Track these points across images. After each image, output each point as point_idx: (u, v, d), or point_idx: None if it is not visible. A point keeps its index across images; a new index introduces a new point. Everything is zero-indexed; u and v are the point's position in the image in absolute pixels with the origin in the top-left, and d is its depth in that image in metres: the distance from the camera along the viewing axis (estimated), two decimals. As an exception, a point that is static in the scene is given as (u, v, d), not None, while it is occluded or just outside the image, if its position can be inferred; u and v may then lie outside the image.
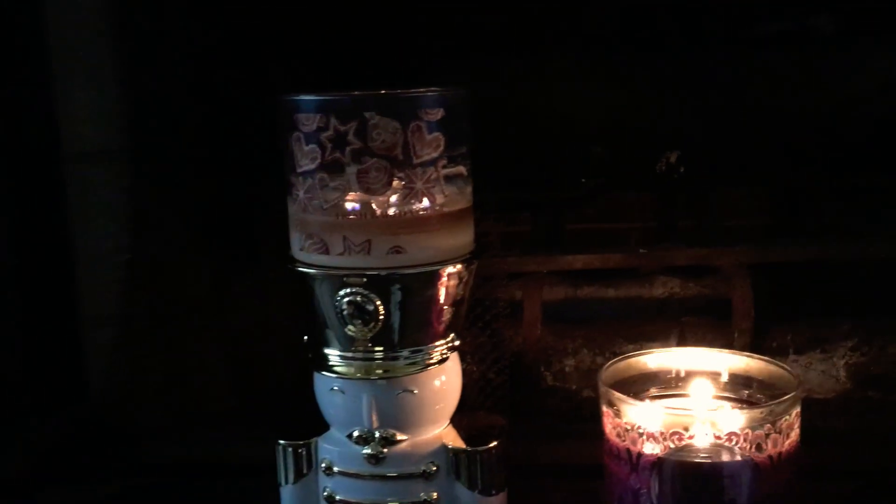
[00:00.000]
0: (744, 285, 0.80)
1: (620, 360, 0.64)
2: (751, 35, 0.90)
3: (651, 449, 0.56)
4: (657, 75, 0.90)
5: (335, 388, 0.61)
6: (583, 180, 0.94)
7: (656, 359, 0.64)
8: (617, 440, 0.58)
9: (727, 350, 0.64)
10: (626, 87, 0.89)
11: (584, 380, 0.86)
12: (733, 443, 0.54)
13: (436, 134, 0.57)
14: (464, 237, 0.61)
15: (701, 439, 0.56)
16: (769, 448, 0.55)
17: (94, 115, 0.76)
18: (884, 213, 0.83)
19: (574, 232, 0.96)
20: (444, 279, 0.59)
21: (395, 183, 0.57)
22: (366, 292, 0.57)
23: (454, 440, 0.63)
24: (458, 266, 0.60)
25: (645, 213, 0.95)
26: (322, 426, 0.64)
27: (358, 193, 0.57)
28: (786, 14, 0.88)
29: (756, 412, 0.55)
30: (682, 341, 0.85)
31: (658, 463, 0.56)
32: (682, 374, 0.64)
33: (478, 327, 0.82)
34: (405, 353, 0.60)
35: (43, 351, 0.76)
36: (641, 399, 0.60)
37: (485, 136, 0.79)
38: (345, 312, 0.58)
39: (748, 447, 0.54)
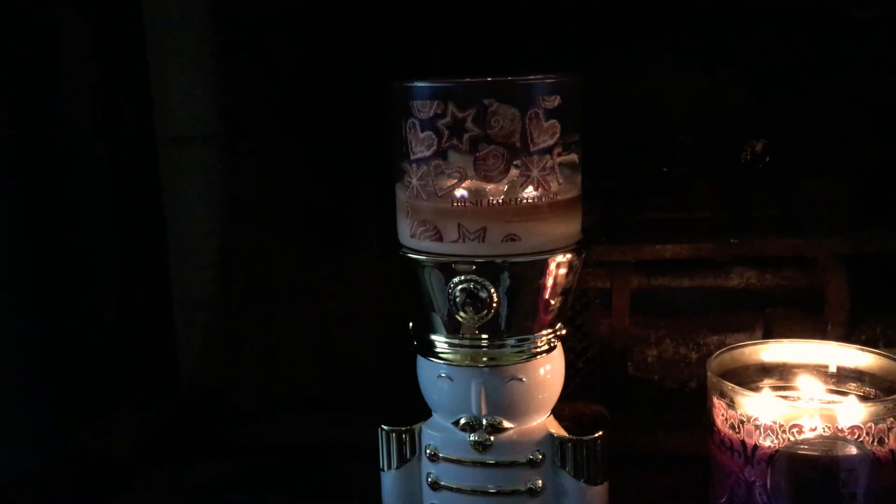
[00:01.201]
0: (838, 276, 0.79)
1: (727, 351, 0.63)
2: (840, 21, 0.88)
3: (767, 441, 0.55)
4: (743, 63, 0.89)
5: (442, 374, 0.61)
6: (664, 169, 0.93)
7: (765, 350, 0.63)
8: (730, 432, 0.57)
9: (835, 342, 0.63)
10: (713, 75, 0.88)
11: (667, 370, 0.86)
12: (855, 436, 0.54)
13: (552, 121, 0.57)
14: (574, 225, 0.60)
15: (819, 433, 0.55)
16: (891, 442, 0.54)
17: (190, 100, 0.76)
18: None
19: (647, 221, 0.95)
20: (555, 267, 0.59)
21: (512, 171, 0.57)
22: (480, 279, 0.57)
23: (559, 429, 0.63)
24: (569, 254, 0.59)
25: (722, 202, 0.94)
26: (420, 412, 0.64)
27: (473, 181, 0.57)
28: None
29: (879, 405, 0.54)
30: (769, 333, 0.84)
31: (775, 455, 0.55)
32: (790, 367, 0.63)
33: (572, 319, 0.82)
34: (512, 340, 0.60)
35: (139, 335, 0.77)
36: (753, 390, 0.59)
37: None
38: (457, 299, 0.58)
39: (870, 441, 0.54)
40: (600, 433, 0.61)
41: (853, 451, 0.54)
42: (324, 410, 0.77)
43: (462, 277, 0.58)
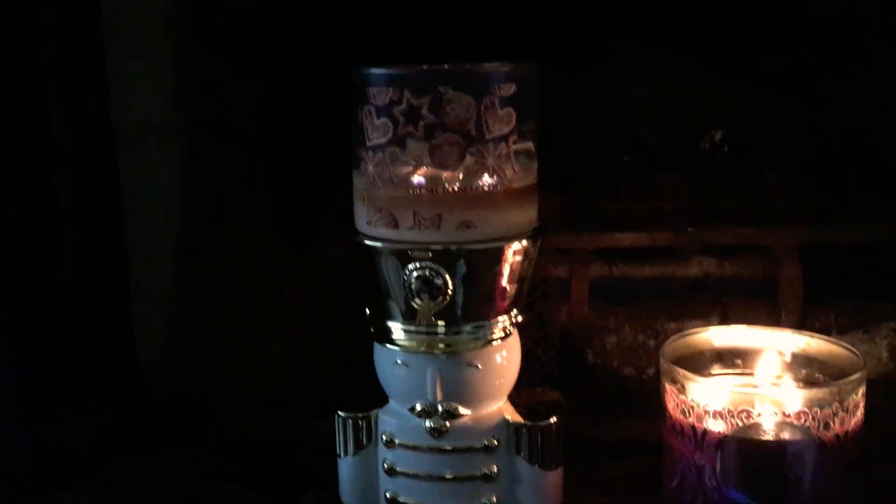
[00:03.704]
0: (792, 266, 0.80)
1: (680, 337, 0.64)
2: (798, 16, 0.89)
3: (716, 426, 0.56)
4: (704, 56, 0.89)
5: (399, 361, 0.61)
6: (625, 158, 0.94)
7: (717, 335, 0.64)
8: (681, 417, 0.58)
9: (788, 329, 0.64)
10: (673, 67, 0.89)
11: (626, 357, 0.87)
12: (801, 421, 0.55)
13: (508, 109, 0.57)
14: (530, 213, 0.61)
15: (767, 418, 0.56)
16: (836, 427, 0.55)
17: (149, 88, 0.75)
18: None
19: (609, 211, 0.96)
20: (510, 255, 0.59)
21: (468, 158, 0.57)
22: (435, 267, 0.58)
23: (514, 415, 0.63)
24: (525, 242, 0.60)
25: (684, 193, 0.95)
26: (378, 399, 0.65)
27: (429, 168, 0.57)
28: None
29: (824, 391, 0.55)
30: (725, 320, 0.86)
31: (724, 440, 0.56)
32: (743, 352, 0.64)
33: (530, 306, 0.82)
34: (468, 327, 0.60)
35: (101, 328, 0.76)
36: (704, 376, 0.60)
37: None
38: (413, 286, 0.58)
39: (816, 426, 0.55)
40: (555, 419, 0.62)
41: (799, 436, 0.55)
42: (289, 404, 0.77)
43: (418, 264, 0.58)
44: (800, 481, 0.55)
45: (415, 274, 0.58)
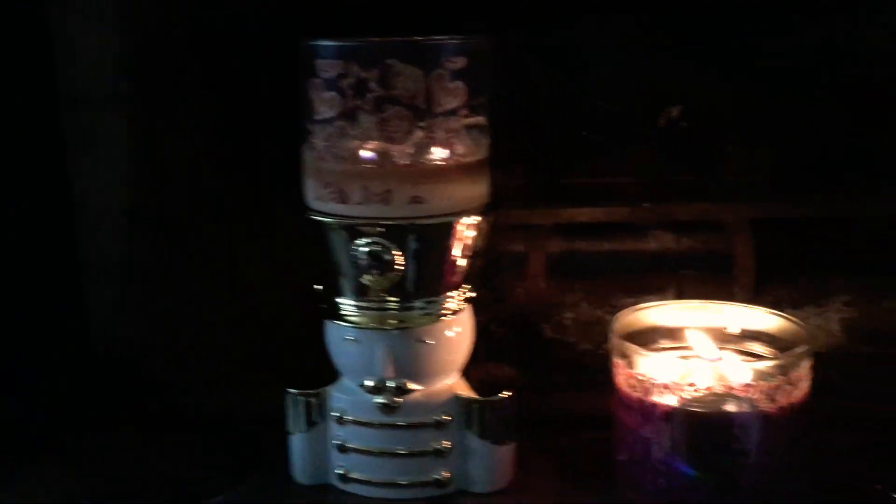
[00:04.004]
0: (746, 240, 0.81)
1: (631, 312, 0.64)
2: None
3: (664, 400, 0.57)
4: (662, 30, 0.89)
5: (349, 337, 0.61)
6: (584, 133, 0.93)
7: (666, 311, 0.65)
8: (629, 391, 0.59)
9: (737, 303, 0.65)
10: (632, 42, 0.88)
11: (583, 332, 0.87)
12: (747, 394, 0.55)
13: (458, 83, 0.56)
14: (481, 188, 0.61)
15: (713, 391, 0.57)
16: (780, 399, 0.56)
17: (97, 58, 0.73)
18: (885, 171, 0.84)
19: (571, 186, 0.96)
20: (462, 230, 0.59)
21: (417, 132, 0.56)
22: (384, 242, 0.57)
23: (466, 391, 0.63)
24: (476, 217, 0.59)
25: (645, 169, 0.95)
26: (331, 375, 0.64)
27: (378, 142, 0.56)
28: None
29: (769, 364, 0.56)
30: (680, 295, 0.86)
31: (670, 413, 0.56)
32: (692, 327, 0.64)
33: (485, 281, 0.82)
34: (420, 303, 0.60)
35: (47, 303, 0.75)
36: (653, 350, 0.61)
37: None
38: (362, 262, 0.58)
39: (761, 398, 0.55)
40: (506, 394, 0.62)
41: (745, 408, 0.56)
42: (242, 380, 0.76)
43: (367, 240, 0.57)
44: (745, 453, 0.56)
45: (365, 250, 0.57)
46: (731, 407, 0.56)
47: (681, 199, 0.84)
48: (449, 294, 0.61)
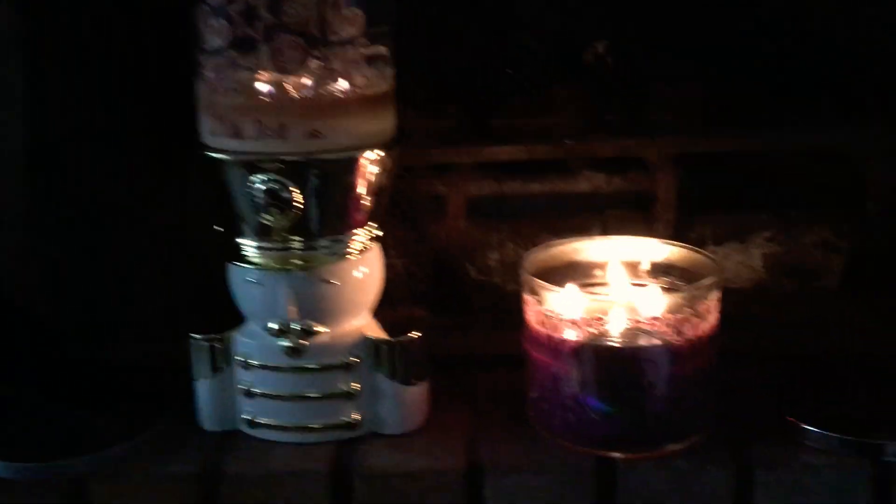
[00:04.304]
0: (668, 177, 0.80)
1: (544, 249, 0.63)
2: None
3: (572, 335, 0.56)
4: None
5: (251, 279, 0.59)
6: (509, 71, 0.91)
7: (579, 247, 0.64)
8: (538, 327, 0.58)
9: (649, 238, 0.64)
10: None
11: (509, 273, 0.86)
12: (654, 327, 0.55)
13: (354, 10, 0.54)
14: (385, 123, 0.58)
15: (621, 324, 0.56)
16: (688, 332, 0.55)
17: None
18: (809, 104, 0.84)
19: (502, 128, 0.94)
20: (365, 166, 0.57)
21: (312, 63, 0.54)
22: (281, 179, 0.55)
23: (376, 332, 0.62)
24: (378, 152, 0.57)
25: (575, 108, 0.93)
26: (240, 321, 0.62)
27: (271, 73, 0.54)
28: None
29: (676, 296, 0.55)
30: (605, 234, 0.85)
31: (578, 349, 0.56)
32: (605, 263, 0.64)
33: (402, 222, 0.80)
34: (324, 242, 0.58)
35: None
36: (562, 286, 0.60)
37: (407, 23, 0.76)
38: (260, 201, 0.56)
39: (667, 331, 0.55)
40: (416, 334, 0.61)
41: (652, 341, 0.55)
42: (148, 327, 0.73)
43: (263, 177, 0.55)
44: (653, 386, 0.56)
45: (262, 188, 0.55)
46: (638, 341, 0.55)
47: (603, 136, 0.82)
48: (354, 233, 0.59)
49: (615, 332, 0.56)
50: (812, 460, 0.56)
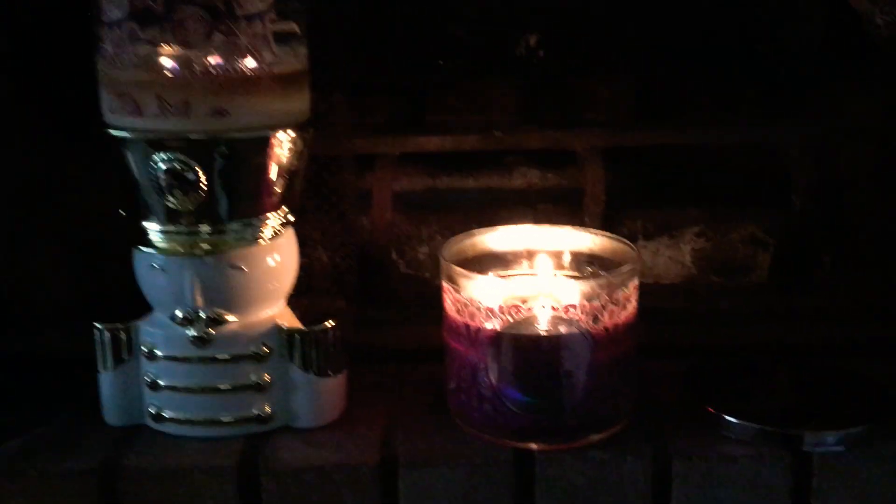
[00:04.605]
0: (596, 170, 0.79)
1: (464, 238, 0.62)
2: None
3: (489, 324, 0.54)
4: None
5: (155, 265, 0.56)
6: (441, 62, 0.90)
7: (499, 236, 0.62)
8: (456, 316, 0.56)
9: (569, 227, 0.63)
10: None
11: (438, 267, 0.85)
12: (570, 315, 0.53)
13: (262, -18, 0.52)
14: (298, 103, 0.56)
15: (538, 312, 0.55)
16: (605, 320, 0.54)
17: None
18: (736, 101, 0.84)
19: (435, 122, 0.93)
20: (275, 147, 0.55)
21: (217, 37, 0.51)
22: (185, 159, 0.52)
23: (289, 321, 0.60)
24: (291, 133, 0.55)
25: (508, 102, 0.92)
26: (141, 309, 0.59)
27: (174, 47, 0.51)
28: None
29: (593, 283, 0.54)
30: (534, 227, 0.84)
31: (496, 337, 0.54)
32: (526, 253, 0.62)
33: (328, 213, 0.78)
34: (233, 226, 0.56)
35: None
36: (481, 274, 0.58)
37: (336, 10, 0.74)
38: (162, 182, 0.53)
39: (585, 319, 0.54)
40: (330, 324, 0.59)
41: (568, 329, 0.54)
42: (64, 316, 0.70)
43: (165, 156, 0.52)
44: (570, 374, 0.54)
45: (163, 167, 0.53)
46: (555, 328, 0.54)
47: (532, 128, 0.81)
48: (266, 217, 0.57)
49: (532, 320, 0.54)
50: (730, 451, 0.56)
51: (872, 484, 0.55)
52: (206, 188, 0.53)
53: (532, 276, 0.59)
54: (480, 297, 0.55)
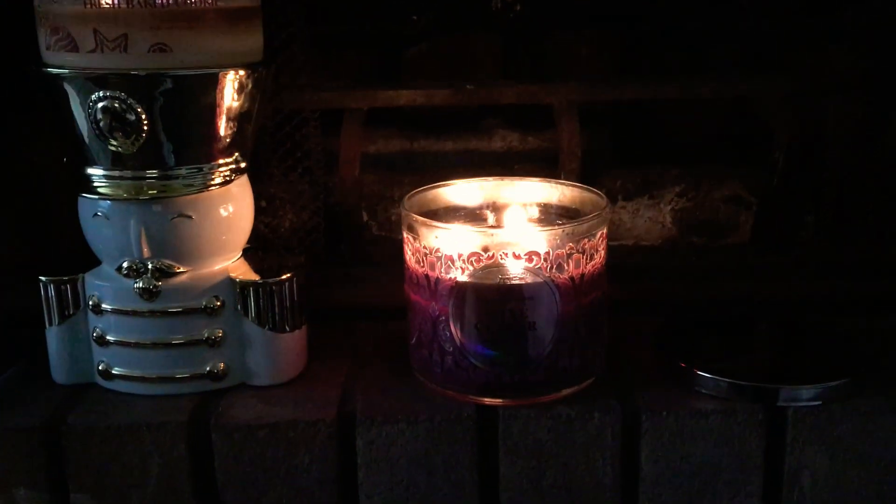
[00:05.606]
0: (571, 124, 0.76)
1: (427, 190, 0.59)
2: None
3: (450, 273, 0.52)
4: None
5: (100, 212, 0.53)
6: (414, 17, 0.87)
7: (465, 189, 0.60)
8: (416, 266, 0.54)
9: (537, 179, 0.60)
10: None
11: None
12: (533, 263, 0.51)
13: None
14: (248, 41, 0.53)
15: (501, 261, 0.52)
16: (571, 269, 0.51)
17: None
18: (715, 54, 0.81)
19: (409, 81, 0.90)
20: (223, 87, 0.52)
21: (156, -34, 0.48)
22: (125, 98, 0.50)
23: (245, 274, 0.57)
24: (240, 72, 0.52)
25: (484, 59, 0.89)
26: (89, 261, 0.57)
27: (111, -22, 0.48)
28: None
29: (557, 231, 0.51)
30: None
31: (456, 287, 0.52)
32: (493, 206, 0.60)
33: (296, 172, 0.75)
34: (182, 171, 0.53)
35: None
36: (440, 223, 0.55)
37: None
38: (102, 123, 0.50)
39: (548, 267, 0.51)
40: (286, 275, 0.56)
41: (531, 278, 0.51)
42: (15, 274, 0.67)
43: (103, 94, 0.50)
44: (534, 326, 0.52)
45: (101, 106, 0.50)
46: (517, 278, 0.51)
47: (506, 83, 0.79)
48: (217, 163, 0.54)
49: (495, 270, 0.52)
50: (702, 406, 0.53)
51: (848, 439, 0.52)
52: (148, 129, 0.50)
53: (497, 228, 0.57)
54: (440, 246, 0.52)
